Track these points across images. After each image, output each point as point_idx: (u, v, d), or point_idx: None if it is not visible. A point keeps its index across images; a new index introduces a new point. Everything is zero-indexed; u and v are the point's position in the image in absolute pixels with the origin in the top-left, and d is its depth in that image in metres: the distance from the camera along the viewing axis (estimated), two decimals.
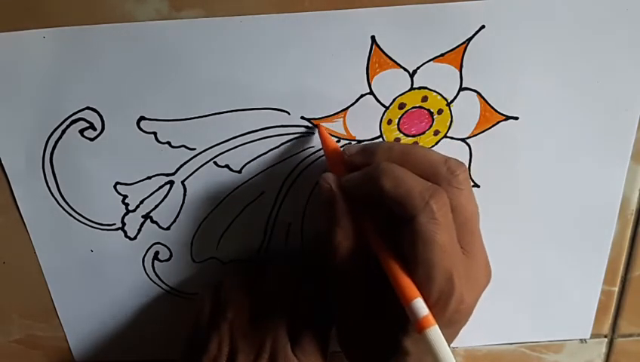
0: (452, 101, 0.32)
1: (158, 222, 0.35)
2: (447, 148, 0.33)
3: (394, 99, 0.32)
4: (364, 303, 0.30)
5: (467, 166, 0.34)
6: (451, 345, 0.29)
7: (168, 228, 0.35)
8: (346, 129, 0.32)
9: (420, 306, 0.26)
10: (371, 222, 0.29)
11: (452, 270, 0.26)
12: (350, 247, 0.29)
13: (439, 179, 0.27)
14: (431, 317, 0.26)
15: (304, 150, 0.33)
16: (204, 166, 0.33)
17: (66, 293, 0.38)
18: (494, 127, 0.33)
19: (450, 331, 0.29)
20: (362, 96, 0.31)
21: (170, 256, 0.36)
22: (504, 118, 0.33)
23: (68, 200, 0.34)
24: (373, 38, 0.30)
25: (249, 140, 0.33)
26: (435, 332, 0.25)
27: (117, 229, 0.35)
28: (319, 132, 0.32)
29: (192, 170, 0.33)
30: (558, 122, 0.33)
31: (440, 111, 0.32)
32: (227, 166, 0.33)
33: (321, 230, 0.30)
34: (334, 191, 0.29)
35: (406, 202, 0.26)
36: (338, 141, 0.33)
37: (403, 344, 0.28)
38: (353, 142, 0.33)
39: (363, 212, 0.29)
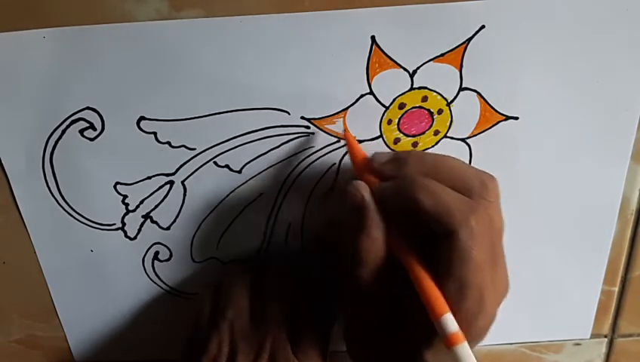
0: (452, 101, 0.32)
1: (158, 222, 0.35)
2: (447, 148, 0.33)
3: (394, 99, 0.32)
4: (382, 316, 0.29)
5: None
6: None
7: (168, 228, 0.35)
8: (346, 129, 0.32)
9: (450, 321, 0.26)
10: (400, 234, 0.28)
11: (484, 288, 0.26)
12: (378, 258, 0.28)
13: (472, 193, 0.27)
14: (461, 334, 0.25)
15: (304, 150, 0.33)
16: (204, 166, 0.33)
17: (66, 293, 0.38)
18: (494, 127, 0.33)
19: (474, 344, 0.29)
20: (362, 96, 0.31)
21: (170, 256, 0.36)
22: (504, 118, 0.33)
23: (68, 200, 0.34)
24: (373, 38, 0.30)
25: (249, 140, 0.33)
26: (464, 349, 0.25)
27: (117, 229, 0.35)
28: (347, 139, 0.32)
29: (192, 170, 0.33)
30: (558, 122, 0.33)
31: (440, 112, 0.32)
32: (227, 166, 0.33)
33: (346, 239, 0.29)
34: (366, 201, 0.28)
35: (446, 218, 0.26)
36: (338, 141, 0.33)
37: (424, 357, 0.28)
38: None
39: (392, 223, 0.28)
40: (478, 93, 0.32)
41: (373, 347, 0.30)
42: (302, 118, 0.32)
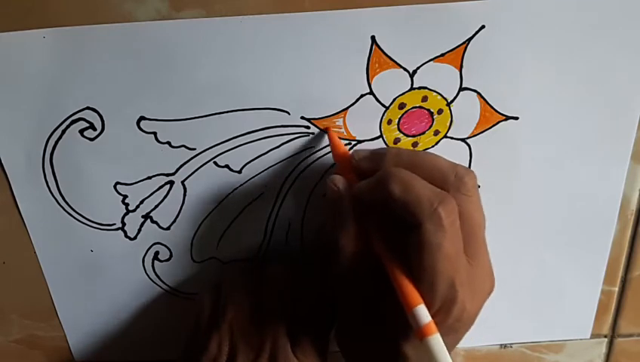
0: (452, 101, 0.32)
1: (158, 222, 0.35)
2: (447, 149, 0.33)
3: (394, 99, 0.32)
4: (364, 307, 0.30)
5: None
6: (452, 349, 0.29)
7: (168, 228, 0.35)
8: (346, 129, 0.32)
9: (423, 313, 0.26)
10: (377, 227, 0.29)
11: (455, 279, 0.26)
12: (354, 251, 0.29)
13: (448, 186, 0.27)
14: (433, 325, 0.25)
15: (304, 150, 0.33)
16: (204, 166, 0.33)
17: (66, 293, 0.38)
18: (494, 127, 0.33)
19: (452, 338, 0.29)
20: (362, 96, 0.31)
21: (170, 256, 0.36)
22: (504, 118, 0.33)
23: (68, 200, 0.34)
24: (373, 38, 0.30)
25: (249, 140, 0.33)
26: (436, 340, 0.25)
27: (117, 229, 0.35)
28: (329, 136, 0.32)
29: (192, 170, 0.33)
30: (558, 122, 0.33)
31: (440, 111, 0.32)
32: (227, 166, 0.33)
33: (328, 230, 0.30)
34: (342, 194, 0.29)
35: (414, 208, 0.26)
36: None
37: (403, 349, 0.28)
38: (353, 142, 0.33)
39: (370, 216, 0.29)
40: (478, 93, 0.32)
41: (359, 340, 0.31)
42: (302, 118, 0.32)
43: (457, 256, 0.27)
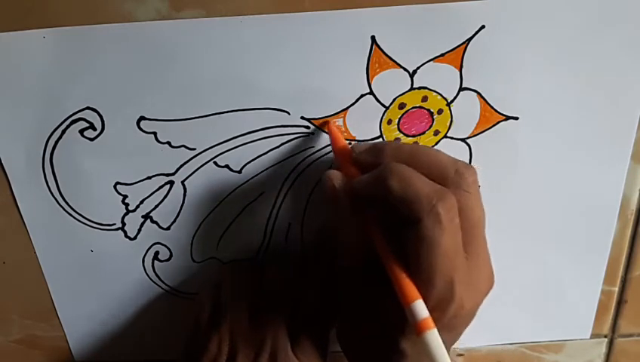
0: (452, 101, 0.32)
1: (158, 222, 0.35)
2: (447, 148, 0.33)
3: (394, 99, 0.32)
4: (364, 303, 0.30)
5: None
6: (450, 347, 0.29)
7: (168, 228, 0.35)
8: (346, 129, 0.32)
9: (420, 309, 0.26)
10: (376, 222, 0.29)
11: (453, 276, 0.26)
12: (353, 246, 0.29)
13: (447, 182, 0.27)
14: (430, 320, 0.25)
15: (304, 150, 0.33)
16: (204, 166, 0.33)
17: (66, 293, 0.38)
18: (494, 127, 0.33)
19: (449, 335, 0.29)
20: (362, 96, 0.31)
21: (170, 256, 0.36)
22: (504, 118, 0.33)
23: (68, 200, 0.34)
24: (373, 38, 0.30)
25: (249, 140, 0.33)
26: (433, 336, 0.25)
27: (117, 229, 0.35)
28: (328, 128, 0.32)
29: (192, 170, 0.33)
30: (558, 122, 0.33)
31: (440, 111, 0.32)
32: (227, 166, 0.33)
33: (331, 226, 0.30)
34: (338, 190, 0.29)
35: (413, 204, 0.26)
36: None
37: (401, 345, 0.28)
38: (353, 142, 0.33)
39: (368, 212, 0.29)
40: (478, 93, 0.32)
41: (359, 336, 0.31)
42: (302, 118, 0.32)
43: (455, 253, 0.26)
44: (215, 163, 0.33)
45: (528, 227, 0.36)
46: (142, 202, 0.34)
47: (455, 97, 0.32)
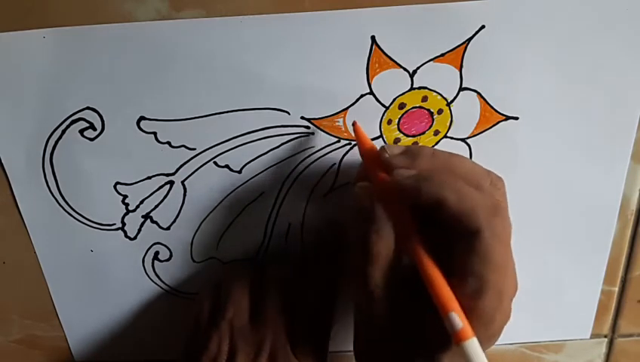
0: (452, 101, 0.32)
1: (158, 222, 0.35)
2: (447, 149, 0.33)
3: (394, 99, 0.32)
4: (395, 318, 0.29)
5: None
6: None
7: (168, 228, 0.35)
8: (345, 129, 0.32)
9: (459, 317, 0.25)
10: (411, 229, 0.28)
11: (503, 288, 0.26)
12: (388, 255, 0.28)
13: (484, 192, 0.27)
14: (469, 329, 0.25)
15: (304, 150, 0.33)
16: (204, 166, 0.33)
17: (66, 293, 0.38)
18: (494, 127, 0.33)
19: (489, 344, 0.28)
20: (362, 96, 0.31)
21: (170, 256, 0.36)
22: (504, 118, 0.33)
23: (68, 200, 0.34)
24: (373, 38, 0.30)
25: (249, 140, 0.33)
26: (473, 345, 0.25)
27: (117, 229, 0.35)
28: (355, 130, 0.32)
29: (192, 170, 0.33)
30: (558, 122, 0.33)
31: (440, 111, 0.32)
32: (227, 166, 0.33)
33: (353, 240, 0.29)
34: (374, 200, 0.28)
35: (470, 217, 0.26)
36: (338, 140, 0.33)
37: (439, 359, 0.27)
38: (353, 142, 0.33)
39: (403, 218, 0.28)
40: (478, 93, 0.32)
41: (385, 351, 0.29)
42: (302, 118, 0.32)
43: (505, 265, 0.26)
44: (215, 163, 0.33)
45: (528, 227, 0.36)
46: (142, 202, 0.34)
47: (455, 97, 0.32)
